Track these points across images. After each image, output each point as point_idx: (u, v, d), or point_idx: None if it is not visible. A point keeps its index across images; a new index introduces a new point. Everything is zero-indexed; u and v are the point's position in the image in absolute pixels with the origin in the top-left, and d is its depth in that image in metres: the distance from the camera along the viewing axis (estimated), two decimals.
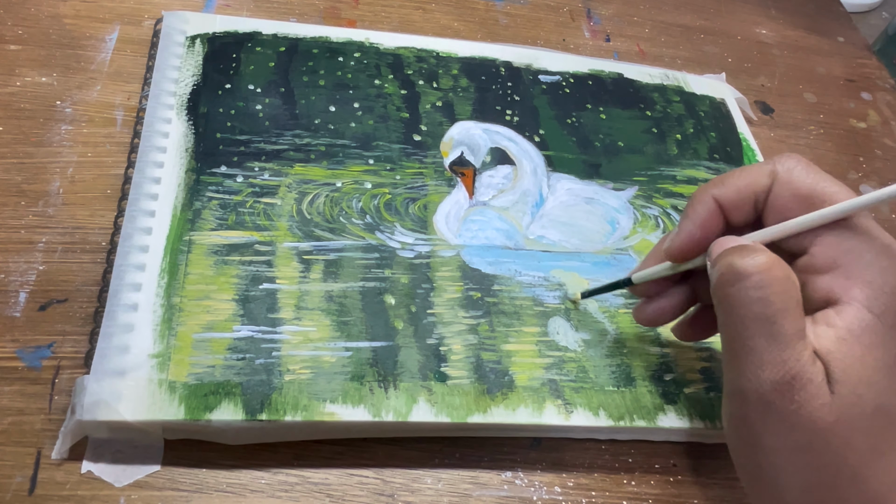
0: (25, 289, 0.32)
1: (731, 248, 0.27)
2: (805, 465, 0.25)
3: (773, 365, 0.25)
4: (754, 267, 0.25)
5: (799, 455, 0.25)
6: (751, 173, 0.29)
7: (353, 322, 0.33)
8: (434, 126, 0.42)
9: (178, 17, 0.43)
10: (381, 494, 0.30)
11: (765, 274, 0.25)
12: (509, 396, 0.32)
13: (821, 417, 0.24)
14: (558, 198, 0.41)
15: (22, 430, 0.29)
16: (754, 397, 0.25)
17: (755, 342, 0.25)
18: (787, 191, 0.28)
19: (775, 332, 0.25)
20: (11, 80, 0.39)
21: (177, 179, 0.36)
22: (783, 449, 0.25)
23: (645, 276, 0.32)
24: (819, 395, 0.24)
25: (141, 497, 0.28)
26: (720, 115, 0.49)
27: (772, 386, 0.25)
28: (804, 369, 0.24)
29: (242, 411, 0.29)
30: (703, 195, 0.29)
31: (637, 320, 0.34)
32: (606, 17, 0.56)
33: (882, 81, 0.60)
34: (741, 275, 0.25)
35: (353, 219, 0.37)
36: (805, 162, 0.28)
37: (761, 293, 0.25)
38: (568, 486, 0.32)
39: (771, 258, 0.26)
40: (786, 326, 0.25)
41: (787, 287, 0.25)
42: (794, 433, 0.25)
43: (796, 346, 0.25)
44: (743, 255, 0.26)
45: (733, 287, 0.26)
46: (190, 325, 0.31)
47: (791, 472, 0.26)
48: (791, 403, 0.25)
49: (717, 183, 0.29)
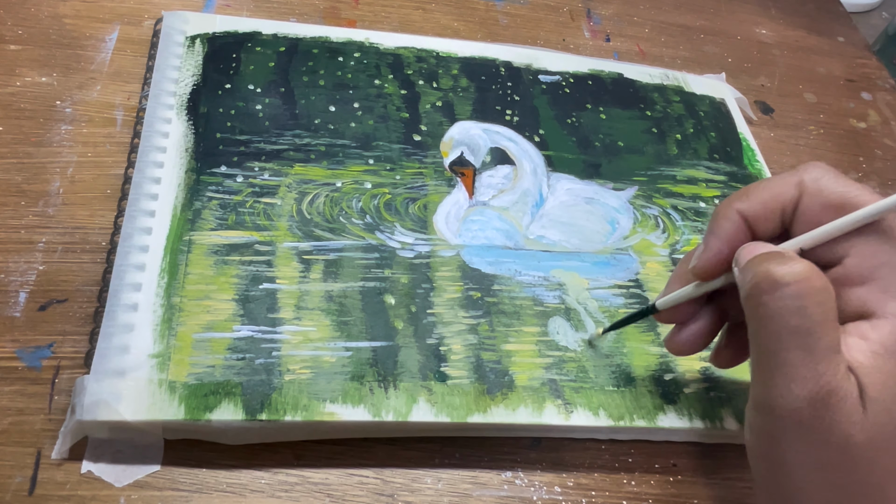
0: (25, 289, 0.32)
1: (765, 254, 0.26)
2: (830, 484, 0.24)
3: (808, 380, 0.24)
4: (792, 276, 0.24)
5: (824, 473, 0.24)
6: (776, 185, 0.28)
7: (353, 322, 0.33)
8: (434, 126, 0.42)
9: (178, 17, 0.43)
10: (381, 494, 0.30)
11: (803, 284, 0.24)
12: (509, 396, 0.32)
13: (852, 435, 0.23)
14: (558, 198, 0.41)
15: (22, 430, 0.29)
16: (785, 413, 0.24)
17: (790, 355, 0.24)
18: (818, 201, 0.27)
19: (812, 345, 0.24)
20: (11, 80, 0.39)
21: (177, 179, 0.36)
22: (809, 466, 0.25)
23: (671, 301, 0.31)
24: (853, 412, 0.23)
25: (141, 497, 0.28)
26: (720, 115, 0.49)
27: (806, 402, 0.24)
28: (840, 385, 0.23)
29: (242, 411, 0.29)
30: (727, 210, 0.28)
31: (672, 352, 0.32)
32: (606, 17, 0.56)
33: (882, 81, 0.60)
34: (778, 283, 0.24)
35: (353, 219, 0.37)
36: (832, 170, 0.27)
37: (799, 303, 0.24)
38: (568, 486, 0.32)
39: (809, 267, 0.24)
40: (823, 339, 0.24)
41: (826, 298, 0.24)
42: (823, 451, 0.24)
43: (833, 359, 0.24)
44: (780, 262, 0.24)
45: (770, 296, 0.24)
46: (190, 325, 0.31)
47: (814, 490, 0.25)
48: (824, 420, 0.24)
49: (740, 196, 0.28)
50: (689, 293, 0.30)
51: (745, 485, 0.34)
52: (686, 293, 0.30)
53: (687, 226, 0.42)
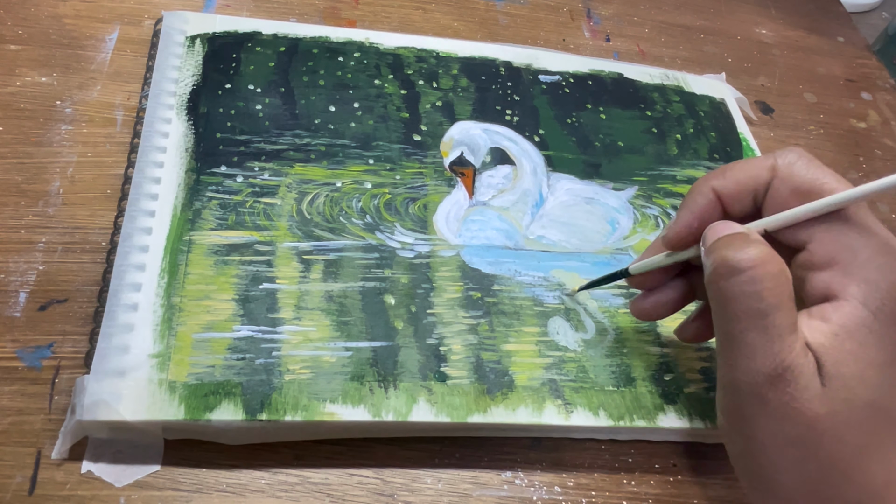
0: (25, 289, 0.32)
1: (726, 237, 0.27)
2: (798, 460, 0.25)
3: (765, 357, 0.25)
4: (748, 261, 0.25)
5: (792, 449, 0.25)
6: (752, 166, 0.29)
7: (353, 322, 0.33)
8: (434, 126, 0.42)
9: (178, 17, 0.43)
10: (381, 494, 0.30)
11: (758, 269, 0.25)
12: (509, 396, 0.32)
13: (811, 409, 0.25)
14: (558, 198, 0.41)
15: (22, 430, 0.29)
16: (747, 389, 0.26)
17: (748, 335, 0.25)
18: (787, 185, 0.28)
19: (767, 326, 0.25)
20: (11, 80, 0.39)
21: (177, 179, 0.36)
22: (776, 442, 0.26)
23: (642, 267, 0.32)
24: (810, 386, 0.25)
25: (141, 497, 0.28)
26: (720, 115, 0.49)
27: (764, 378, 0.25)
28: (795, 361, 0.25)
29: (242, 411, 0.29)
30: (702, 186, 0.30)
31: (634, 314, 0.34)
32: (606, 17, 0.56)
33: (882, 81, 0.60)
34: (735, 269, 0.25)
35: (353, 219, 0.37)
36: (806, 156, 0.28)
37: (754, 288, 0.25)
38: (568, 486, 0.32)
39: (764, 252, 0.26)
40: (778, 320, 0.25)
41: (781, 282, 0.25)
42: (787, 426, 0.25)
43: (788, 339, 0.25)
44: (737, 248, 0.26)
45: (727, 281, 0.26)
46: (190, 325, 0.31)
47: (785, 467, 0.26)
48: (783, 395, 0.25)
49: (717, 174, 0.29)
50: (659, 261, 0.32)
51: None
52: (656, 261, 0.32)
53: None
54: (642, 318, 0.34)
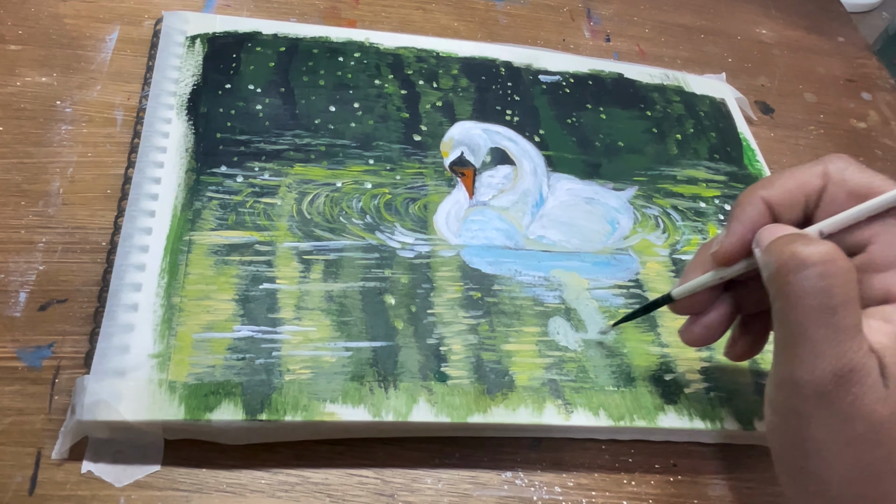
0: (25, 289, 0.32)
1: (790, 235, 0.26)
2: (854, 459, 0.25)
3: (832, 356, 0.24)
4: (819, 256, 0.25)
5: (850, 449, 0.25)
6: (801, 175, 0.28)
7: (353, 322, 0.33)
8: (434, 126, 0.42)
9: (178, 17, 0.43)
10: (381, 494, 0.30)
11: (829, 264, 0.25)
12: (509, 396, 0.32)
13: (876, 410, 0.24)
14: (558, 198, 0.41)
15: (22, 430, 0.29)
16: (810, 388, 0.25)
17: (815, 332, 0.25)
18: (843, 190, 0.28)
19: (835, 324, 0.24)
20: (11, 80, 0.39)
21: (177, 179, 0.36)
22: (834, 442, 0.25)
23: (688, 290, 0.30)
24: (876, 388, 0.24)
25: (141, 497, 0.28)
26: (720, 115, 0.49)
27: (830, 376, 0.24)
28: (862, 362, 0.24)
29: (242, 411, 0.29)
30: (751, 196, 0.29)
31: (687, 342, 0.32)
32: (606, 17, 0.56)
33: (882, 81, 0.60)
34: (805, 263, 0.25)
35: (353, 219, 0.37)
36: (855, 161, 0.28)
37: (825, 283, 0.24)
38: (568, 486, 0.32)
39: (833, 248, 0.25)
40: (846, 319, 0.24)
41: (849, 279, 0.25)
42: (848, 426, 0.25)
43: (855, 338, 0.24)
44: (806, 243, 0.25)
45: (796, 276, 0.25)
46: (190, 325, 0.31)
47: (838, 466, 0.25)
48: (847, 395, 0.24)
49: (764, 184, 0.29)
50: (706, 281, 0.30)
51: (745, 485, 0.34)
52: (704, 281, 0.30)
53: (687, 226, 0.42)
54: (695, 345, 0.32)
